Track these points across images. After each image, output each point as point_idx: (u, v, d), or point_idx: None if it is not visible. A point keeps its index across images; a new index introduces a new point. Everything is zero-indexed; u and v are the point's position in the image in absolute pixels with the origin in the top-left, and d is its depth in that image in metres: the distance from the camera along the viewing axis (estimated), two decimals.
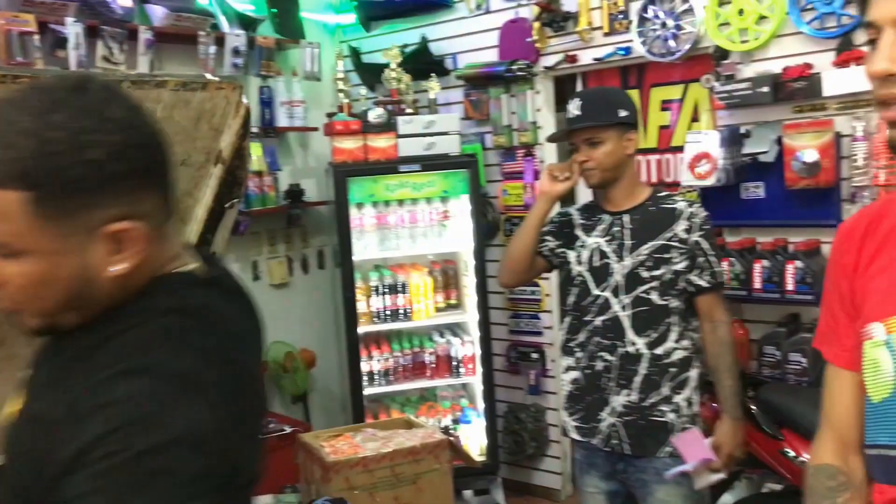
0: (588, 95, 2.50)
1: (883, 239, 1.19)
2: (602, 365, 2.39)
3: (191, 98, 1.29)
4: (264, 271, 4.37)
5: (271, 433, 3.73)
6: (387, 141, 3.97)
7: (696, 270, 2.36)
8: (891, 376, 1.13)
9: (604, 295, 2.39)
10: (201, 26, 3.80)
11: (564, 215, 2.57)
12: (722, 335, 2.39)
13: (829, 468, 1.26)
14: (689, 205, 2.41)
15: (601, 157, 2.38)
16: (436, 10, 4.34)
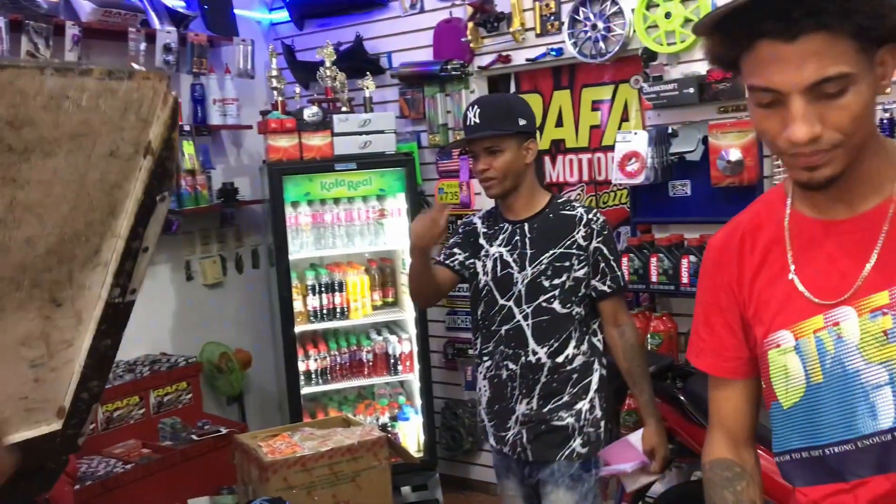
0: (487, 103, 2.44)
1: (765, 248, 1.24)
2: (507, 374, 2.42)
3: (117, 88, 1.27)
4: (197, 271, 4.31)
5: (207, 434, 3.69)
6: (322, 139, 3.96)
7: (599, 276, 2.37)
8: (801, 381, 1.19)
9: (507, 305, 2.40)
10: (131, 22, 3.74)
11: (468, 225, 2.55)
12: (630, 338, 2.41)
13: (725, 461, 1.34)
14: (587, 211, 2.40)
15: (501, 165, 2.35)
16: (370, 9, 4.34)
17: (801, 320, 1.18)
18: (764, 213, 1.28)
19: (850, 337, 1.14)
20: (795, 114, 1.05)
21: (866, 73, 1.05)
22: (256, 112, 4.27)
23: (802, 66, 1.04)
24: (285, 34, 4.65)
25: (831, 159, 1.08)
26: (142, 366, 3.79)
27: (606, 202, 3.92)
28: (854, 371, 1.14)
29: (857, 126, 1.06)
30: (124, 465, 3.35)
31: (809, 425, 1.20)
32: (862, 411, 1.14)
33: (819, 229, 1.19)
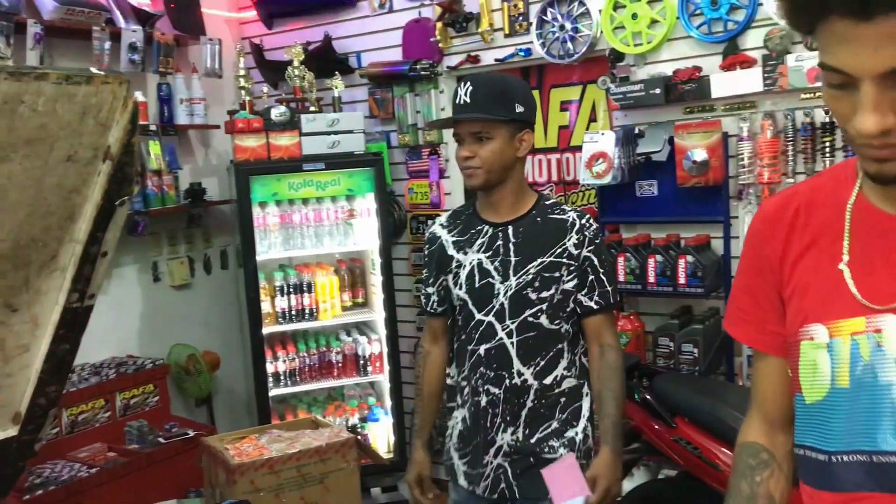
0: (482, 82, 2.09)
1: (819, 229, 1.15)
2: (487, 400, 2.13)
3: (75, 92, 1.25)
4: (165, 272, 4.27)
5: (174, 437, 3.66)
6: (290, 139, 3.94)
7: (586, 290, 2.11)
8: (827, 380, 1.11)
9: (488, 320, 2.10)
10: (95, 21, 3.69)
11: (432, 242, 2.26)
12: (610, 360, 2.13)
13: (753, 446, 1.27)
14: (580, 216, 2.13)
15: (488, 155, 2.06)
16: (339, 9, 4.33)
17: (840, 318, 1.08)
18: (827, 189, 1.16)
19: (890, 347, 1.04)
20: (866, 102, 0.95)
21: None
22: (224, 112, 4.23)
23: (879, 50, 0.92)
24: (254, 33, 4.62)
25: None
26: (108, 368, 3.75)
27: (575, 202, 3.94)
28: (886, 384, 1.05)
29: None
30: (89, 469, 3.30)
31: (824, 427, 1.12)
32: (886, 426, 1.05)
33: (885, 223, 1.08)
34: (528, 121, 2.12)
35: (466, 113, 2.06)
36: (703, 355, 3.14)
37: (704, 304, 3.35)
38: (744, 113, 3.18)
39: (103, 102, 1.31)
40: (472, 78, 2.11)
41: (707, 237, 3.29)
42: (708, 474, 2.59)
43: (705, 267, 3.14)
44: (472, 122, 2.06)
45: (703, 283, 3.13)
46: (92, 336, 3.85)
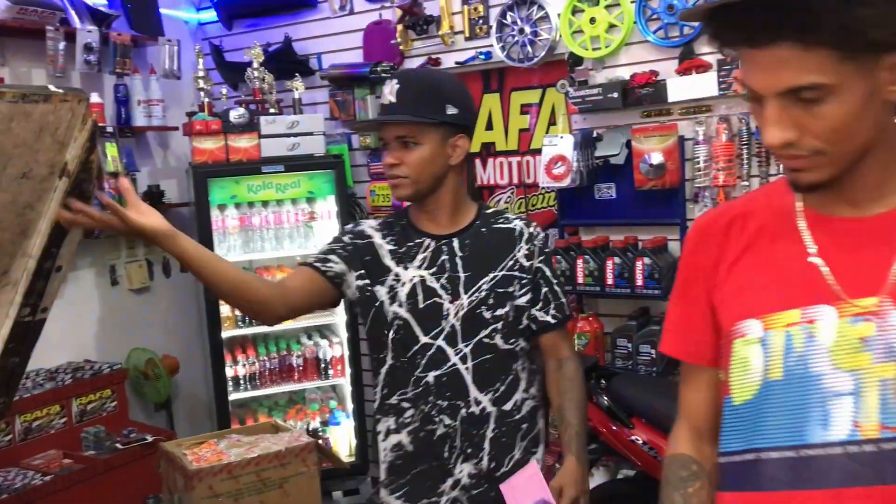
0: (410, 79, 1.89)
1: (753, 236, 1.18)
2: (442, 431, 1.88)
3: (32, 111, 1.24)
4: (123, 276, 4.22)
5: (132, 443, 3.61)
6: (249, 141, 3.91)
7: (541, 304, 1.94)
8: (758, 376, 1.11)
9: (437, 344, 1.87)
10: (49, 20, 3.63)
11: (358, 235, 1.95)
12: (569, 372, 1.99)
13: (684, 458, 1.29)
14: (526, 224, 1.97)
15: (415, 163, 1.83)
16: (299, 10, 4.31)
17: (775, 311, 1.11)
18: (760, 201, 1.23)
19: (823, 338, 1.07)
20: (768, 117, 1.04)
21: (854, 82, 1.00)
22: (183, 113, 4.19)
23: (775, 72, 1.01)
24: (213, 34, 4.59)
25: (815, 165, 1.05)
26: (63, 373, 3.69)
27: (535, 205, 3.96)
28: (817, 374, 1.07)
29: (842, 136, 1.02)
30: (43, 477, 3.25)
31: (753, 426, 1.12)
32: (814, 418, 1.06)
33: (823, 224, 1.13)
34: (463, 124, 1.89)
35: (391, 114, 1.84)
36: (660, 356, 3.17)
37: (662, 305, 3.39)
38: (699, 117, 3.23)
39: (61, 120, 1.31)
40: (399, 75, 1.90)
41: (664, 239, 3.33)
42: None
43: (662, 269, 3.18)
44: (398, 125, 1.83)
45: (661, 285, 3.16)
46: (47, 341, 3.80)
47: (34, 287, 1.43)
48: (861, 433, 1.03)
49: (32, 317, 1.47)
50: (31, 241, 1.38)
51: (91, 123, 1.36)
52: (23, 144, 1.26)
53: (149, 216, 1.59)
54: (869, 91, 1.01)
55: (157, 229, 1.63)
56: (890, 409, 1.02)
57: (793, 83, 1.00)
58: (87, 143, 1.37)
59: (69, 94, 1.29)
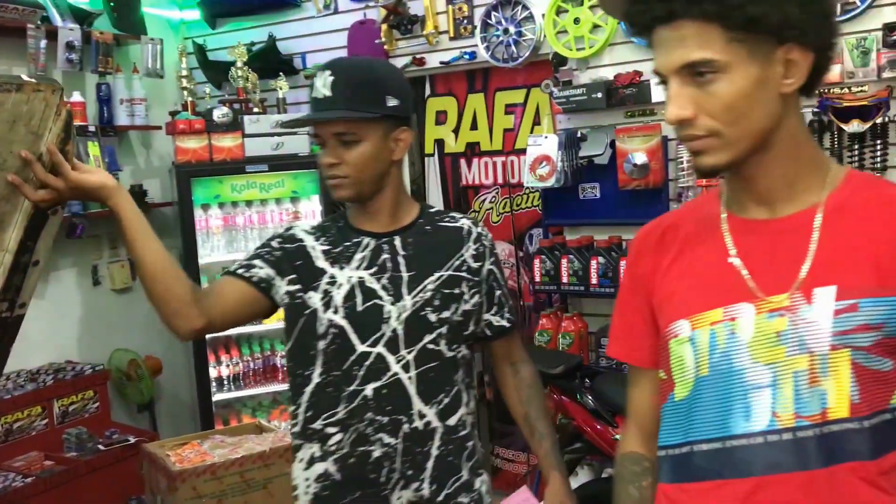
0: (345, 70, 1.69)
1: (682, 245, 1.26)
2: (379, 452, 1.69)
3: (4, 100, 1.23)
4: (105, 276, 4.19)
5: (115, 444, 3.59)
6: (232, 140, 3.90)
7: (495, 309, 1.82)
8: (692, 373, 1.18)
9: (376, 352, 1.69)
10: (30, 18, 3.60)
11: (290, 240, 1.77)
12: (526, 377, 1.89)
13: (634, 455, 1.34)
14: (474, 223, 1.83)
15: (357, 161, 1.67)
16: (283, 9, 4.29)
17: (700, 311, 1.17)
18: (689, 210, 1.31)
19: (742, 334, 1.13)
20: (669, 94, 1.12)
21: (744, 65, 1.08)
22: (166, 112, 4.17)
23: (674, 50, 1.10)
24: (196, 33, 4.56)
25: (711, 147, 1.11)
26: (45, 374, 3.66)
27: (520, 204, 3.97)
28: (739, 368, 1.13)
29: (734, 116, 1.09)
30: (24, 479, 3.22)
31: (687, 420, 1.19)
32: (737, 410, 1.13)
33: (742, 226, 1.20)
34: (405, 116, 1.74)
35: (326, 111, 1.66)
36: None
37: None
38: None
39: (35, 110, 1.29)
40: (332, 65, 1.70)
41: None
42: None
43: None
44: (334, 121, 1.66)
45: None
46: (29, 342, 3.80)
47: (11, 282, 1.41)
48: (779, 423, 1.10)
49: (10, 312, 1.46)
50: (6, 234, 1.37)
51: (66, 114, 1.35)
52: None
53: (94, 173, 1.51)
54: (761, 78, 1.09)
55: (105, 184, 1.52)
56: (803, 400, 1.09)
57: (686, 58, 1.08)
58: (62, 133, 1.36)
59: (42, 84, 1.28)
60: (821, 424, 1.08)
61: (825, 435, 1.08)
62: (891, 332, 1.09)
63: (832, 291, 1.10)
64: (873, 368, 1.09)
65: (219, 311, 1.69)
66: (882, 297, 1.08)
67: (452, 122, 4.13)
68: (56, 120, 1.34)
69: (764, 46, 1.08)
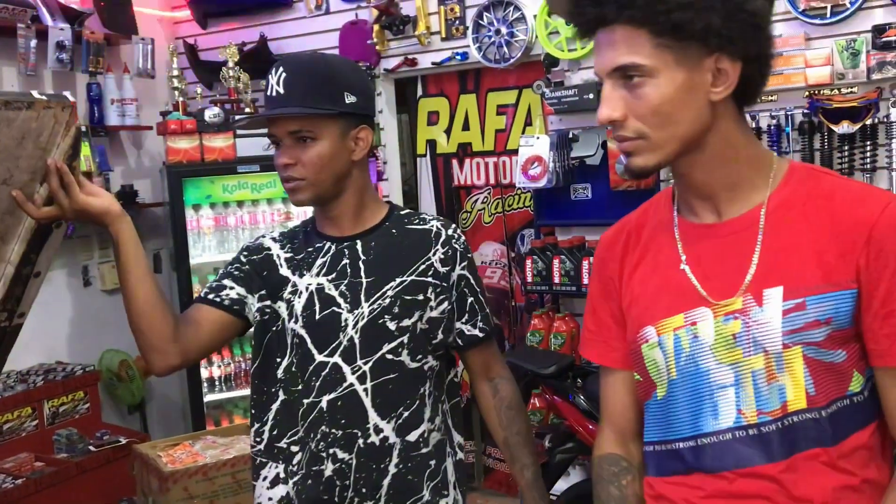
0: (299, 66, 1.62)
1: (644, 247, 1.28)
2: (333, 469, 1.60)
3: (14, 117, 1.23)
4: (96, 276, 4.17)
5: (105, 445, 3.58)
6: (224, 141, 3.89)
7: (467, 317, 1.70)
8: (665, 376, 1.22)
9: (332, 361, 1.60)
10: (20, 18, 3.58)
11: (255, 251, 1.71)
12: (506, 396, 1.75)
13: (612, 456, 1.35)
14: (444, 225, 1.71)
15: (313, 161, 1.58)
16: (275, 9, 4.29)
17: (663, 317, 1.21)
18: (650, 213, 1.32)
19: (705, 337, 1.18)
20: (602, 96, 1.15)
21: (671, 71, 1.10)
22: (157, 112, 4.16)
23: (607, 53, 1.13)
24: (187, 33, 4.55)
25: (639, 149, 1.14)
26: (35, 375, 3.64)
27: (512, 205, 3.98)
28: (706, 370, 1.18)
29: (659, 121, 1.12)
30: (14, 481, 3.21)
31: (665, 419, 1.24)
32: (706, 410, 1.18)
33: (691, 232, 1.23)
34: (365, 114, 1.66)
35: (280, 107, 1.58)
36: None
37: None
38: None
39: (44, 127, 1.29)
40: (285, 61, 1.62)
41: None
42: None
43: None
44: (289, 119, 1.57)
45: None
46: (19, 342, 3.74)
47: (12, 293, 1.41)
48: (744, 419, 1.16)
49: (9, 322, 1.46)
50: (9, 246, 1.37)
51: (75, 130, 1.35)
52: (4, 151, 1.25)
53: (99, 196, 1.47)
54: (688, 84, 1.11)
55: (109, 209, 1.48)
56: (763, 396, 1.15)
57: (616, 62, 1.11)
58: (70, 149, 1.36)
59: (53, 101, 1.28)
60: (781, 418, 1.14)
61: (787, 427, 1.13)
62: (840, 325, 1.12)
63: (779, 292, 1.13)
64: (827, 361, 1.13)
65: (195, 346, 1.62)
66: (828, 293, 1.12)
67: (444, 122, 4.13)
68: (65, 136, 1.34)
69: (692, 54, 1.10)
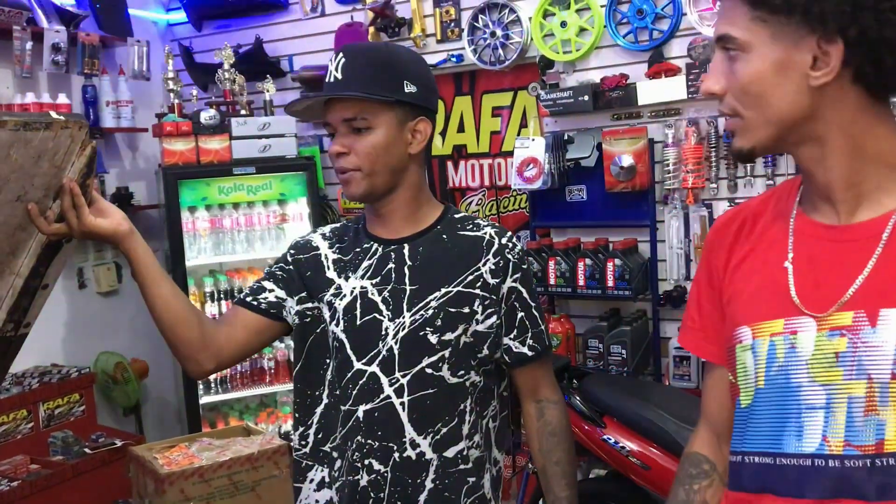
0: (360, 52, 1.56)
1: (757, 238, 1.17)
2: (368, 479, 1.53)
3: (32, 137, 1.24)
4: (90, 279, 4.17)
5: (101, 447, 3.57)
6: (220, 143, 3.89)
7: (515, 333, 1.59)
8: (752, 383, 1.12)
9: (370, 370, 1.53)
10: (16, 20, 3.58)
11: (303, 248, 1.65)
12: (553, 421, 1.64)
13: (697, 456, 1.29)
14: (499, 233, 1.59)
15: (367, 150, 1.50)
16: (270, 11, 4.29)
17: (763, 319, 1.10)
18: (771, 201, 1.21)
19: (802, 350, 1.06)
20: (711, 65, 1.10)
21: (765, 47, 1.02)
22: (152, 114, 4.16)
23: (717, 20, 1.09)
24: (183, 35, 4.55)
25: (736, 128, 1.08)
26: (30, 378, 3.63)
27: (507, 207, 3.99)
28: (796, 385, 1.07)
29: (751, 99, 1.05)
30: (10, 483, 3.20)
31: (744, 429, 1.14)
32: (790, 429, 1.07)
33: (808, 230, 1.12)
34: (426, 105, 1.56)
35: (337, 91, 1.50)
36: (631, 356, 3.21)
37: (632, 306, 3.43)
38: (669, 120, 3.27)
39: (60, 146, 1.30)
40: (346, 49, 1.55)
41: (634, 241, 3.36)
42: (636, 473, 2.65)
43: (632, 270, 3.21)
44: (344, 104, 1.50)
45: (631, 286, 3.20)
46: None
47: (20, 304, 1.43)
48: (828, 448, 1.04)
49: (14, 332, 1.47)
50: (19, 259, 1.38)
51: (90, 149, 1.36)
52: (20, 170, 1.26)
53: (108, 216, 1.44)
54: (782, 63, 1.02)
55: (117, 230, 1.45)
56: (855, 427, 1.02)
57: (718, 31, 1.07)
58: (85, 168, 1.37)
59: (70, 122, 1.29)
60: (874, 457, 1.01)
61: (880, 468, 1.01)
62: None
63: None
64: None
65: (229, 349, 1.60)
66: None
67: (439, 124, 4.14)
68: (80, 155, 1.35)
69: (791, 31, 1.01)
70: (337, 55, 1.53)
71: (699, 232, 3.26)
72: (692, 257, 3.28)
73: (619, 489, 2.83)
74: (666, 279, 3.34)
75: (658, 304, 3.32)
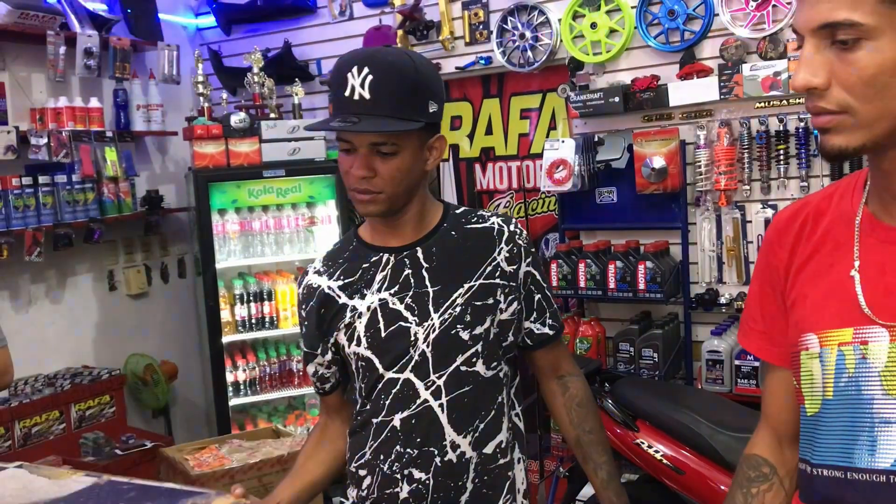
0: (387, 70, 1.43)
1: (820, 239, 1.12)
2: (409, 489, 1.51)
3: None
4: (121, 281, 4.20)
5: (131, 448, 3.59)
6: (250, 146, 3.91)
7: (535, 315, 1.62)
8: (819, 392, 1.07)
9: (403, 377, 1.52)
10: (49, 25, 3.62)
11: (309, 295, 1.61)
12: (577, 393, 1.67)
13: (756, 459, 1.26)
14: (505, 221, 1.61)
15: (393, 175, 1.47)
16: (298, 15, 4.31)
17: (830, 328, 1.05)
18: (834, 198, 1.13)
19: (874, 360, 1.01)
20: (801, 56, 0.97)
21: (894, 33, 0.92)
22: (182, 118, 4.19)
23: (815, 5, 0.95)
24: (212, 39, 4.58)
25: (841, 125, 0.96)
26: (62, 379, 3.67)
27: (535, 209, 3.97)
28: (868, 398, 1.01)
29: (872, 92, 0.93)
30: None
31: (812, 439, 1.10)
32: (862, 443, 1.02)
33: (883, 234, 1.05)
34: (440, 121, 1.55)
35: (366, 117, 1.42)
36: (662, 360, 3.18)
37: (664, 309, 3.40)
38: (700, 121, 3.24)
39: None
40: (370, 60, 1.44)
41: (665, 243, 3.33)
42: (669, 477, 2.62)
43: (664, 273, 3.18)
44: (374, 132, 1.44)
45: (662, 289, 3.17)
46: (46, 346, 3.82)
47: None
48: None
49: None
50: None
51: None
52: None
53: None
54: None
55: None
56: None
57: (827, 18, 0.94)
58: None
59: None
60: None
61: None
62: None
63: None
64: None
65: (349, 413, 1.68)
66: None
67: (467, 127, 4.13)
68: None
69: None
70: (360, 68, 1.42)
71: (731, 234, 3.22)
72: (724, 260, 3.25)
73: (651, 493, 2.80)
74: (698, 282, 3.31)
75: (690, 307, 3.28)
